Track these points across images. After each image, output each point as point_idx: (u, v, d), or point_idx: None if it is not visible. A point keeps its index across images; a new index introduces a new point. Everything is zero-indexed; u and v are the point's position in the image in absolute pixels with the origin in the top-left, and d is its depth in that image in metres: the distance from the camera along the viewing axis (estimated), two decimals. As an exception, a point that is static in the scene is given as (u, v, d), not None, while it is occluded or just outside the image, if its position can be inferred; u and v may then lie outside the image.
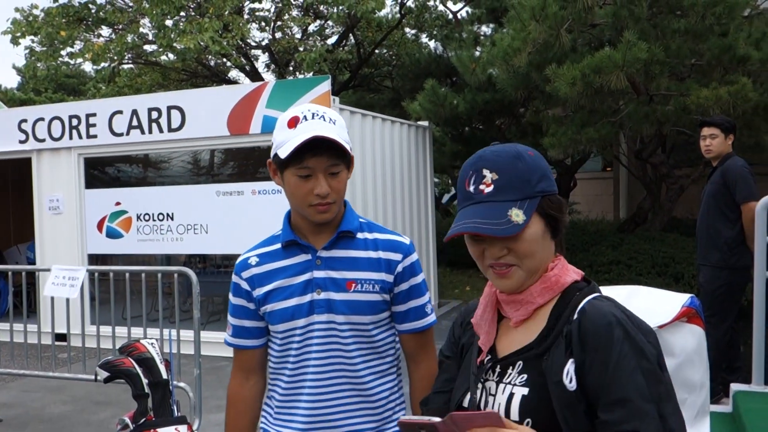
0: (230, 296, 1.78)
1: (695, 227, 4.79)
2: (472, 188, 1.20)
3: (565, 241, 1.33)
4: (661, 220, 8.59)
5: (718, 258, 4.46)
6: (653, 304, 1.40)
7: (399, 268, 1.72)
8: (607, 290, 1.32)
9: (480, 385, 1.23)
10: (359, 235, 1.73)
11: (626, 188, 12.44)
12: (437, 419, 1.01)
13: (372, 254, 1.71)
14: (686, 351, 1.37)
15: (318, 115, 1.61)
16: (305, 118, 1.60)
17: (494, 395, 1.20)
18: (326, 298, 1.67)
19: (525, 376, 1.18)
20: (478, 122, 10.29)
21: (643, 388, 1.06)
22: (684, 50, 6.35)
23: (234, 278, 1.77)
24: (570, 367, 1.12)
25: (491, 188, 1.17)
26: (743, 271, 4.42)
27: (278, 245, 1.74)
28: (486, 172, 1.18)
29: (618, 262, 7.77)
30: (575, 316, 1.15)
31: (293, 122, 1.60)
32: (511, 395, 1.17)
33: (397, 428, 1.74)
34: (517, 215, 1.14)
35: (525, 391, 1.16)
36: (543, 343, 1.18)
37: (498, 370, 1.23)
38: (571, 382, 1.11)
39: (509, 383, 1.19)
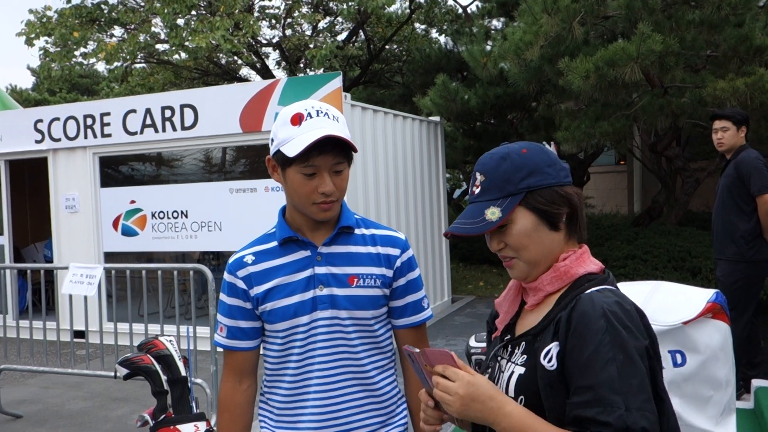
0: (223, 296, 1.74)
1: (711, 221, 4.75)
2: (470, 190, 1.33)
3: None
4: (676, 213, 8.52)
5: (734, 251, 4.41)
6: (677, 300, 1.39)
7: (398, 263, 1.73)
8: (630, 286, 1.32)
9: (496, 363, 1.32)
10: (357, 231, 1.73)
11: (640, 182, 12.36)
12: (417, 350, 1.21)
13: (371, 249, 1.72)
14: (711, 347, 1.36)
15: (322, 112, 1.59)
16: (309, 115, 1.58)
17: (503, 372, 1.29)
18: (329, 293, 1.66)
19: (525, 356, 1.25)
20: (490, 117, 10.24)
21: (614, 380, 1.09)
22: (699, 41, 6.27)
23: (228, 277, 1.73)
24: (553, 349, 1.18)
25: (478, 189, 1.29)
26: (761, 264, 4.38)
27: (274, 243, 1.71)
28: (478, 175, 1.29)
29: (633, 257, 7.72)
30: (572, 304, 1.20)
31: (297, 119, 1.58)
32: (511, 373, 1.26)
33: (401, 423, 1.79)
34: (492, 213, 1.24)
35: (522, 370, 1.23)
36: (541, 326, 1.25)
37: (509, 349, 1.32)
38: (550, 362, 1.17)
39: (513, 362, 1.27)
